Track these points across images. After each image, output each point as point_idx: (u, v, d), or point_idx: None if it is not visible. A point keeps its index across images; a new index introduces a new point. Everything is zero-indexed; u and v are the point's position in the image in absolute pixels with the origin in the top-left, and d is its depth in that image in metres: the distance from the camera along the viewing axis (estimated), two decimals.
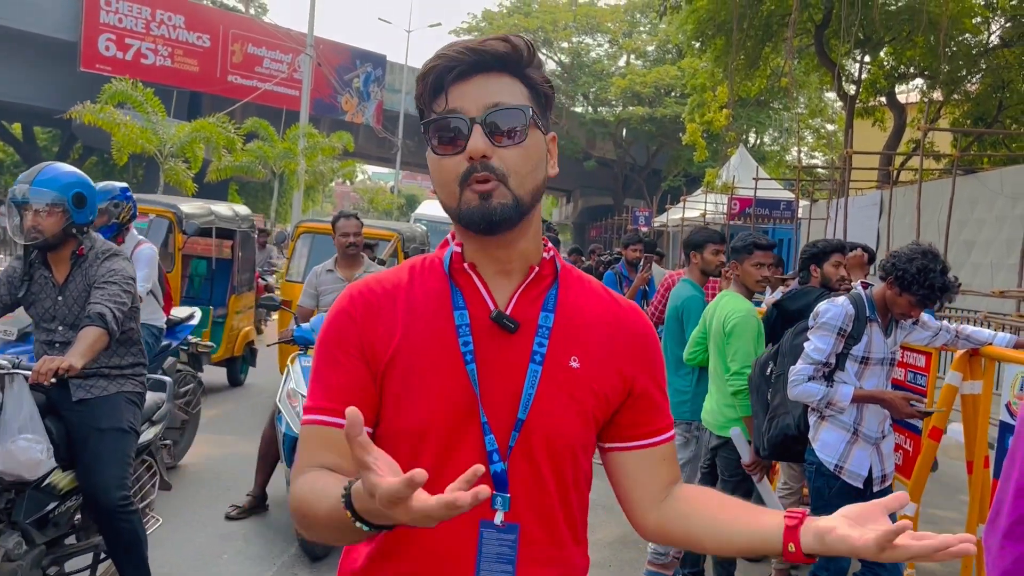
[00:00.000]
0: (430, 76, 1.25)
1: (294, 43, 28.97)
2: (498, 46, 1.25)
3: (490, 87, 1.24)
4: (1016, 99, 18.19)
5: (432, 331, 1.27)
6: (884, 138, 20.78)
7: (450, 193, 1.25)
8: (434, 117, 1.25)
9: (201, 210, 8.38)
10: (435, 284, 1.31)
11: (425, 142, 1.29)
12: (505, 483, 1.24)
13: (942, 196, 12.33)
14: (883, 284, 3.44)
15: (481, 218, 1.22)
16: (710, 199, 21.69)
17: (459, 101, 1.23)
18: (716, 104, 23.30)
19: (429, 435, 1.25)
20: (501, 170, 1.22)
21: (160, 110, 17.42)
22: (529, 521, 1.26)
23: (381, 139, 37.68)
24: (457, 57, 1.23)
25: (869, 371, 3.47)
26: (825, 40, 19.39)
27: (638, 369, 1.35)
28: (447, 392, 1.25)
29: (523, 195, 1.25)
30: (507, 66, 1.26)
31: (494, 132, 1.22)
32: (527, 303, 1.30)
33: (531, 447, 1.25)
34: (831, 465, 3.47)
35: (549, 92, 1.31)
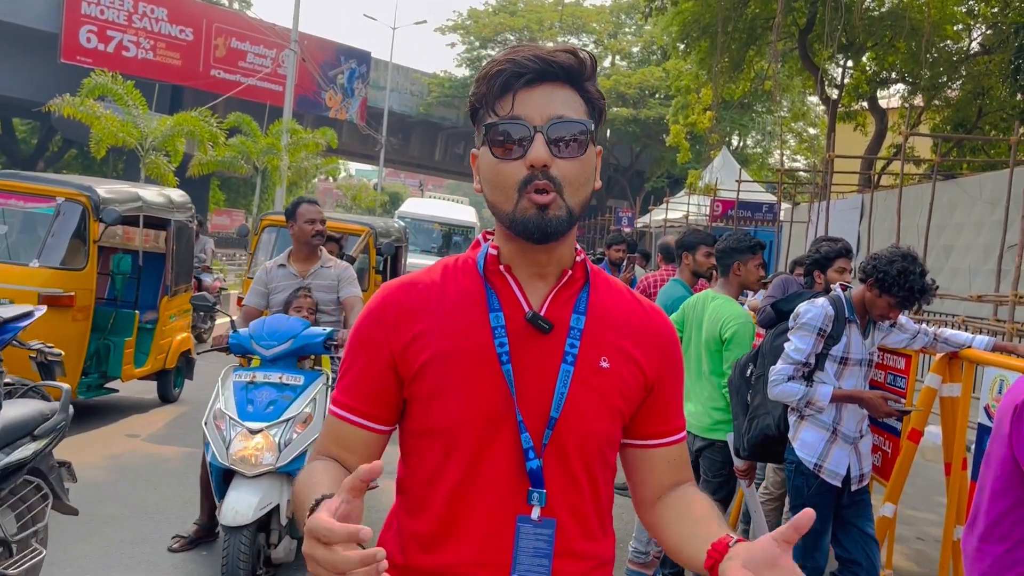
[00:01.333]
0: (498, 79, 1.27)
1: (278, 38, 28.81)
2: (567, 59, 1.27)
3: (555, 98, 1.26)
4: (996, 105, 18.39)
5: (467, 332, 1.30)
6: (865, 142, 20.96)
7: (506, 197, 1.27)
8: (498, 120, 1.26)
9: (124, 194, 7.09)
10: (469, 285, 1.34)
11: (478, 142, 1.32)
12: (541, 479, 1.27)
13: (922, 201, 12.45)
14: (862, 286, 3.47)
15: (537, 228, 1.25)
16: (693, 200, 21.79)
17: (524, 108, 1.25)
18: (700, 106, 23.42)
19: (464, 433, 1.28)
20: (559, 181, 1.25)
21: (141, 103, 17.27)
22: (563, 516, 1.29)
23: (365, 136, 37.58)
24: (527, 64, 1.25)
25: (848, 371, 3.50)
26: (808, 44, 19.53)
27: (660, 369, 1.38)
28: (483, 391, 1.28)
29: (575, 207, 1.28)
30: (571, 78, 1.28)
31: (555, 143, 1.24)
32: (559, 305, 1.33)
33: (563, 445, 1.29)
34: (810, 464, 3.50)
35: (603, 107, 1.34)
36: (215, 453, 3.72)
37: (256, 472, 3.62)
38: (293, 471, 3.66)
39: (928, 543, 5.63)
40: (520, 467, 1.27)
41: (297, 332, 3.98)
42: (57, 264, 6.36)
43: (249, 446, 3.66)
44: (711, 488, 4.14)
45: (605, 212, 32.85)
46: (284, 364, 3.97)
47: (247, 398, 3.82)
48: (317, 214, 4.60)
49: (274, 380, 3.88)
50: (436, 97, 41.48)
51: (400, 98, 40.52)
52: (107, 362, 7.12)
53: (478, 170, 1.33)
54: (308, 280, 4.55)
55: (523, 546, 1.26)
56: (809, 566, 3.54)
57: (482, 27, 42.27)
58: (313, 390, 3.92)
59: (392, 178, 66.65)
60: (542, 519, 1.27)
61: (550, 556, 1.27)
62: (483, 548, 1.27)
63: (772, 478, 4.68)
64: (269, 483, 3.68)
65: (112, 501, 5.00)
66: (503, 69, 1.26)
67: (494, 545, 1.27)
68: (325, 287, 4.58)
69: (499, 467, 1.27)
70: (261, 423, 3.72)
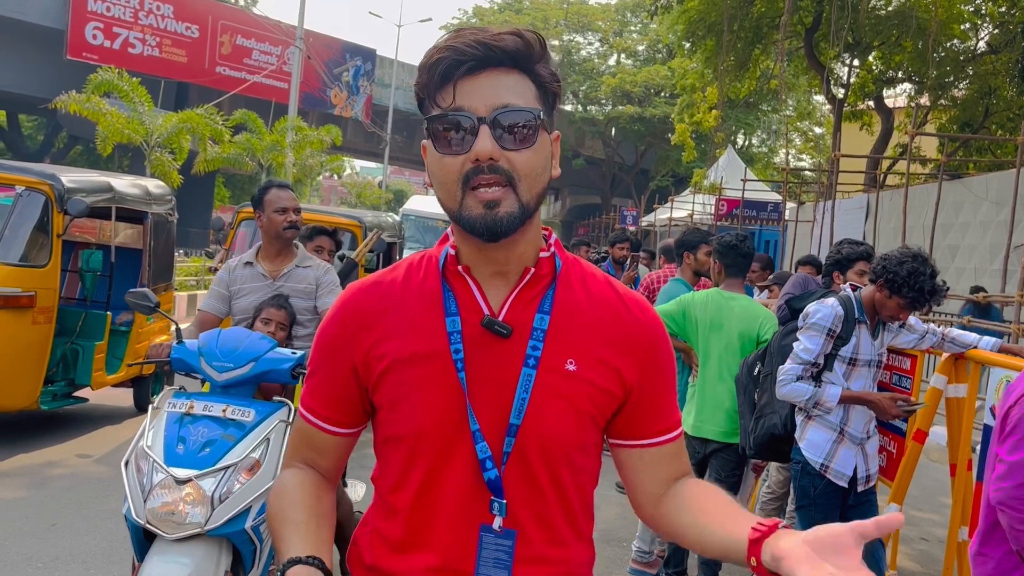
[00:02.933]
0: (438, 67, 1.18)
1: (283, 35, 28.82)
2: (510, 42, 1.19)
3: (499, 85, 1.18)
4: (1002, 105, 18.33)
5: (425, 337, 1.26)
6: (871, 142, 20.91)
7: (450, 194, 1.20)
8: (439, 113, 1.19)
9: (93, 184, 6.44)
10: (430, 286, 1.29)
11: (425, 135, 1.23)
12: (500, 489, 1.24)
13: (928, 200, 12.41)
14: (872, 286, 3.46)
15: (484, 227, 1.18)
16: (698, 200, 21.77)
17: (467, 98, 1.17)
18: (705, 105, 23.38)
19: (423, 442, 1.26)
20: (510, 172, 1.18)
21: (147, 100, 17.30)
22: (528, 524, 1.26)
23: (369, 133, 37.59)
24: (467, 51, 1.17)
25: (856, 372, 3.50)
26: (814, 43, 19.48)
27: (641, 368, 1.31)
28: (439, 400, 1.24)
29: (529, 200, 1.20)
30: (517, 62, 1.20)
31: (502, 133, 1.17)
32: (522, 306, 1.26)
33: (526, 452, 1.25)
34: (817, 464, 3.49)
35: (557, 90, 1.26)
36: (131, 506, 2.77)
37: (179, 535, 2.69)
38: (233, 534, 2.77)
39: (932, 544, 5.62)
40: (479, 477, 1.24)
41: (259, 353, 3.10)
42: (15, 260, 5.75)
43: (172, 499, 2.73)
44: (724, 488, 4.13)
45: (610, 211, 32.81)
46: (237, 393, 3.08)
47: (178, 435, 2.87)
48: (290, 201, 3.80)
49: (216, 413, 2.94)
50: None
51: (405, 96, 40.50)
52: (75, 369, 6.43)
53: (427, 165, 1.26)
54: (280, 282, 3.74)
55: (485, 556, 1.24)
56: None
57: (487, 25, 42.13)
58: (266, 428, 2.96)
59: (397, 176, 66.65)
60: (503, 529, 1.24)
61: (510, 567, 1.25)
62: (446, 556, 1.25)
63: (775, 477, 4.68)
64: (200, 550, 2.73)
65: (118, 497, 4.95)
66: (443, 57, 1.17)
67: (457, 553, 1.25)
68: (300, 292, 3.74)
69: (459, 477, 1.25)
70: (191, 470, 2.76)
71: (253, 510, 2.77)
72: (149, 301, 3.49)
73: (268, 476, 2.86)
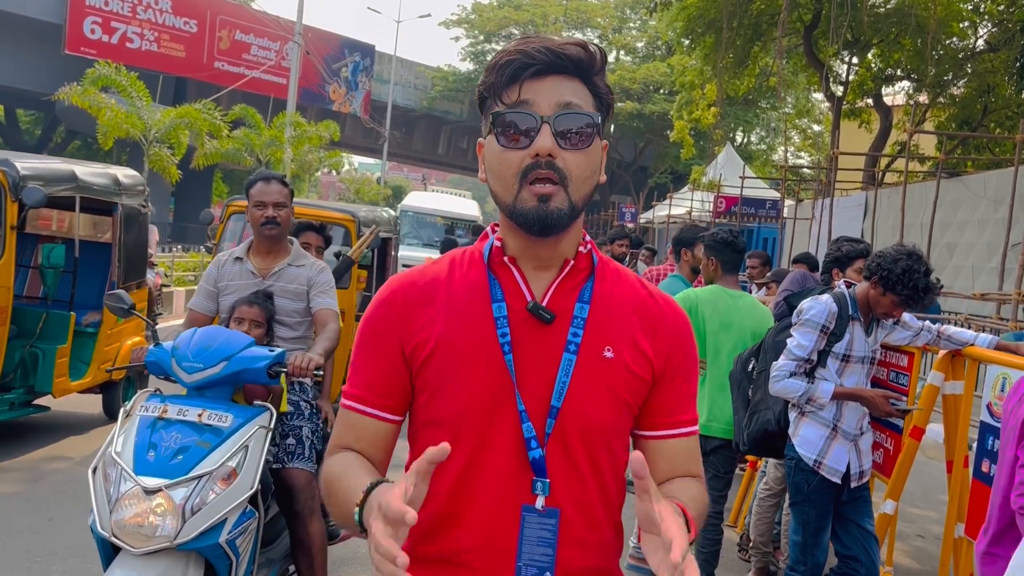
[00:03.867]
0: (507, 69, 1.27)
1: (282, 31, 28.79)
2: (576, 51, 1.27)
3: (562, 89, 1.27)
4: (1001, 103, 18.34)
5: (471, 323, 1.31)
6: (870, 140, 20.91)
7: (507, 187, 1.27)
8: (504, 109, 1.26)
9: (54, 172, 5.85)
10: (475, 276, 1.35)
11: (485, 131, 1.31)
12: (544, 469, 1.28)
13: (926, 198, 12.42)
14: (867, 283, 3.46)
15: (537, 220, 1.26)
16: (696, 197, 21.78)
17: (531, 98, 1.26)
18: (704, 102, 23.37)
19: (467, 423, 1.29)
20: (564, 172, 1.25)
21: (145, 95, 17.28)
22: (567, 505, 1.30)
23: (368, 129, 37.56)
24: (536, 55, 1.26)
25: (850, 369, 3.50)
26: (813, 41, 19.48)
27: (666, 359, 1.37)
28: (485, 382, 1.29)
29: (578, 200, 1.28)
30: (579, 71, 1.29)
31: (562, 134, 1.25)
32: (564, 295, 1.33)
33: (566, 434, 1.29)
34: (810, 460, 3.50)
35: (611, 102, 1.34)
36: (96, 517, 2.57)
37: (147, 548, 2.51)
38: (206, 548, 2.60)
39: (928, 540, 5.63)
40: (523, 457, 1.28)
41: (232, 352, 2.91)
42: None
43: (140, 510, 2.54)
44: (722, 484, 4.17)
45: (608, 207, 32.82)
46: (215, 396, 2.91)
47: (149, 441, 2.69)
48: (272, 196, 3.46)
49: (191, 418, 2.75)
50: (440, 91, 41.44)
51: (404, 92, 40.48)
52: (35, 374, 5.85)
53: (483, 159, 1.33)
54: (270, 281, 3.47)
55: (528, 535, 1.28)
56: (808, 562, 3.54)
57: (486, 21, 42.20)
58: (245, 435, 2.77)
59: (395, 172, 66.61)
60: (546, 508, 1.28)
61: (554, 545, 1.28)
62: (487, 535, 1.28)
63: (773, 474, 4.68)
64: (167, 565, 2.55)
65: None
66: (513, 59, 1.26)
67: (499, 532, 1.28)
68: (290, 292, 3.47)
69: (502, 457, 1.29)
70: (161, 479, 2.58)
71: (229, 522, 2.63)
72: (123, 303, 3.27)
73: (245, 486, 2.68)
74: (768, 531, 4.70)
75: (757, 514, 4.71)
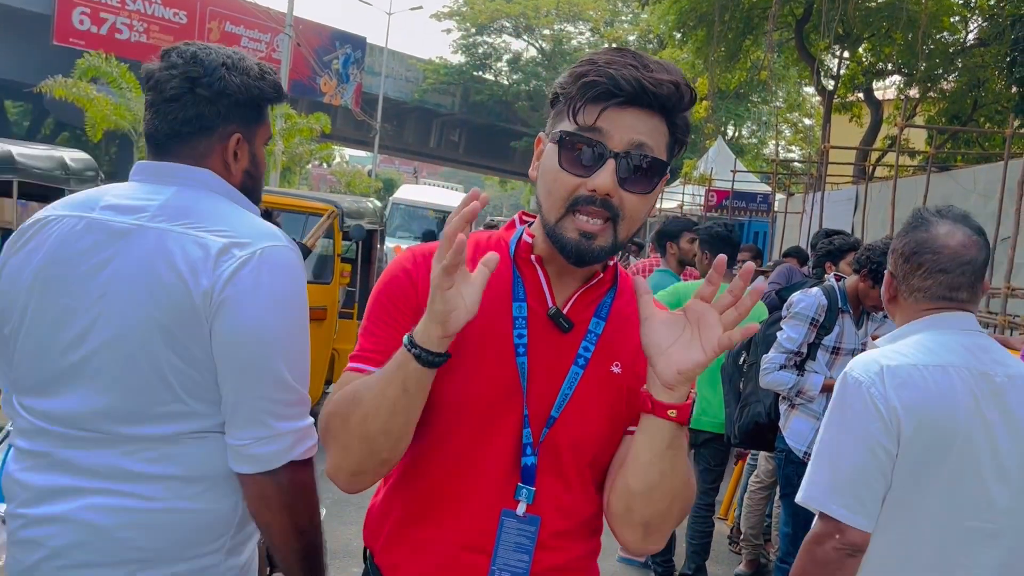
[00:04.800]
0: (589, 90, 1.20)
1: (273, 22, 28.64)
2: (667, 90, 1.20)
3: (641, 125, 1.21)
4: (991, 98, 18.39)
5: (489, 315, 1.27)
6: (860, 134, 20.95)
7: (554, 207, 1.23)
8: (575, 131, 1.21)
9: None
10: (499, 268, 1.27)
11: (548, 137, 1.26)
12: (532, 476, 1.26)
13: (916, 192, 12.45)
14: (856, 276, 3.48)
15: (575, 253, 1.22)
16: (687, 190, 21.76)
17: (607, 123, 1.19)
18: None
19: (467, 413, 1.27)
20: (617, 209, 1.21)
21: (135, 86, 17.15)
22: (549, 512, 1.28)
23: (359, 122, 37.40)
24: (624, 87, 1.18)
25: (840, 361, 3.52)
26: (805, 35, 19.48)
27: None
28: (494, 378, 1.26)
29: (623, 238, 1.25)
30: (664, 108, 1.22)
31: (626, 174, 1.20)
32: (583, 306, 1.31)
33: (557, 444, 1.27)
34: (800, 452, 3.52)
35: (687, 140, 1.29)
36: None
37: None
38: None
39: None
40: (515, 461, 1.26)
41: None
42: None
43: None
44: (713, 476, 4.20)
45: None
46: None
47: None
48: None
49: None
50: (431, 84, 41.27)
51: (395, 84, 40.31)
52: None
53: (539, 157, 1.28)
54: None
55: (505, 540, 1.26)
56: None
57: (478, 14, 42.04)
58: None
59: (386, 165, 66.45)
60: (527, 515, 1.26)
61: (531, 552, 1.26)
62: (467, 532, 1.27)
63: (764, 466, 4.70)
64: None
65: None
66: (598, 82, 1.19)
67: (477, 531, 1.26)
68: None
69: (495, 457, 1.27)
70: None
71: None
72: None
73: None
74: (759, 523, 4.72)
75: (748, 507, 4.74)
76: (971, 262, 1.87)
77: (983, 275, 1.90)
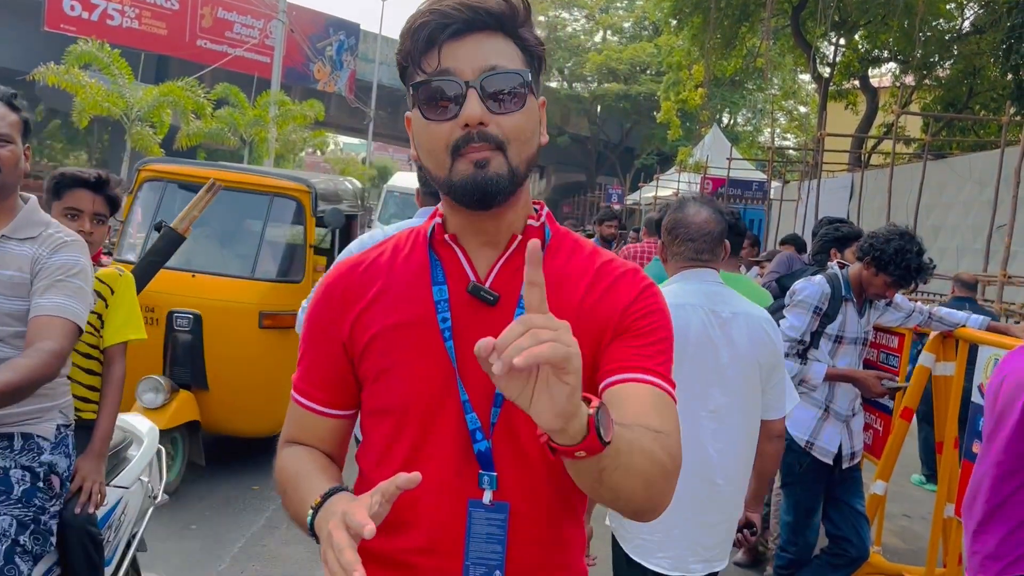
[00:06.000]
0: (421, 32, 1.15)
1: (266, 8, 28.39)
2: (495, 4, 1.16)
3: (486, 48, 1.16)
4: (986, 85, 18.38)
5: (411, 307, 1.23)
6: (856, 121, 20.92)
7: (439, 162, 1.17)
8: (424, 79, 1.15)
9: None
10: (417, 257, 1.27)
11: (410, 104, 1.20)
12: (491, 461, 1.20)
13: (912, 180, 12.45)
14: (859, 264, 3.45)
15: (476, 189, 1.15)
16: (683, 178, 21.75)
17: (452, 62, 1.14)
18: (692, 83, 23.30)
19: (410, 413, 1.22)
20: (499, 137, 1.14)
21: (127, 73, 17.04)
22: (517, 500, 1.21)
23: (353, 109, 37.24)
24: (452, 14, 1.14)
25: (842, 350, 3.49)
26: (801, 21, 19.43)
27: (618, 320, 1.21)
28: (427, 370, 1.21)
29: (519, 165, 1.17)
30: (503, 25, 1.17)
31: (490, 97, 1.14)
32: (509, 274, 1.23)
33: (512, 424, 1.20)
34: (802, 441, 3.50)
35: (542, 54, 1.23)
36: None
37: None
38: None
39: (914, 520, 5.67)
40: (468, 449, 1.20)
41: None
42: None
43: None
44: None
45: (595, 189, 32.76)
46: None
47: None
48: None
49: None
50: None
51: (389, 71, 40.09)
52: None
53: (413, 135, 1.23)
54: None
55: (475, 532, 1.20)
56: (800, 543, 3.55)
57: None
58: None
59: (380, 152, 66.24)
60: (494, 503, 1.20)
61: (503, 542, 1.20)
62: (434, 534, 1.21)
63: None
64: None
65: None
66: (427, 21, 1.15)
67: (445, 531, 1.21)
68: (5, 282, 2.21)
69: (447, 449, 1.21)
70: None
71: None
72: None
73: None
74: None
75: None
76: (710, 232, 2.55)
77: (722, 242, 2.57)
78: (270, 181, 5.54)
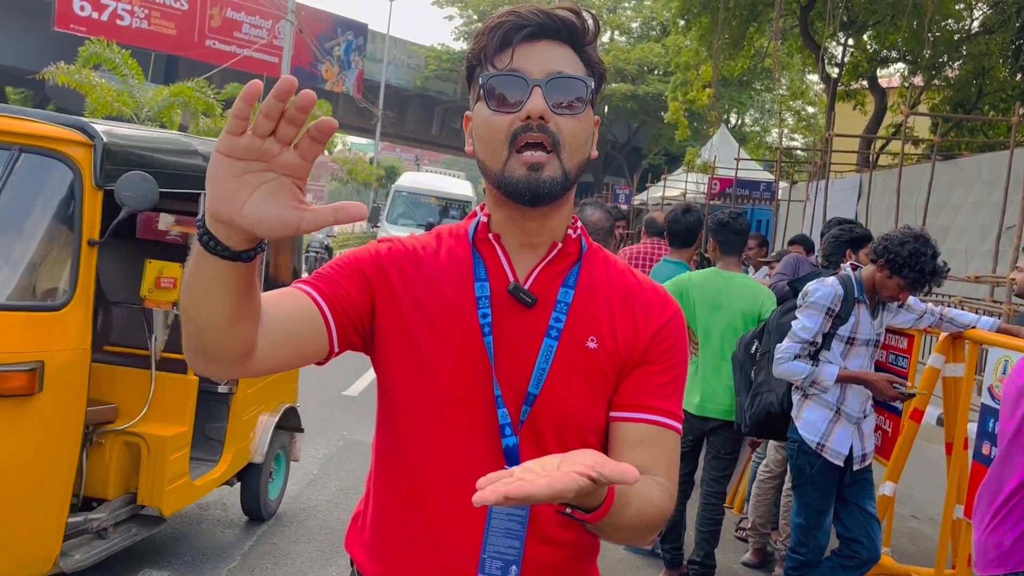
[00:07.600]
0: (498, 32, 1.24)
1: (274, 8, 28.46)
2: (569, 16, 1.25)
3: (554, 54, 1.24)
4: (996, 86, 18.33)
5: (453, 299, 1.27)
6: (864, 122, 20.87)
7: (495, 154, 1.22)
8: (496, 72, 1.23)
9: None
10: (460, 252, 1.31)
11: (473, 99, 1.28)
12: (517, 457, 1.23)
13: (920, 181, 12.42)
14: (873, 266, 3.46)
15: (527, 188, 1.20)
16: (690, 178, 21.71)
17: (524, 62, 1.22)
18: (699, 83, 23.27)
19: (442, 403, 1.25)
20: (556, 136, 1.20)
21: (138, 73, 17.09)
22: None
23: (361, 109, 37.29)
24: (529, 17, 1.23)
25: (854, 352, 3.50)
26: (809, 22, 19.39)
27: (646, 348, 1.29)
28: (463, 362, 1.24)
29: (571, 169, 1.23)
30: (572, 38, 1.26)
31: (554, 99, 1.21)
32: (548, 279, 1.28)
33: (539, 424, 1.24)
34: (813, 443, 3.50)
35: (603, 72, 1.31)
36: None
37: None
38: None
39: (923, 521, 5.67)
40: (496, 443, 1.23)
41: None
42: None
43: None
44: (723, 464, 4.19)
45: (602, 189, 32.73)
46: None
47: None
48: None
49: None
50: (433, 70, 41.13)
51: (397, 71, 40.18)
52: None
53: (471, 131, 1.29)
54: None
55: (495, 526, 1.23)
56: (811, 545, 3.56)
57: (480, 0, 41.86)
58: None
59: (388, 152, 66.31)
60: None
61: (522, 539, 1.23)
62: (453, 527, 1.23)
63: (773, 456, 4.70)
64: None
65: None
66: (504, 22, 1.24)
67: (464, 525, 1.23)
68: None
69: (474, 442, 1.24)
70: None
71: None
72: None
73: None
74: (767, 513, 4.72)
75: (757, 496, 4.73)
76: (602, 228, 3.24)
77: (611, 233, 3.10)
78: (15, 126, 3.03)
